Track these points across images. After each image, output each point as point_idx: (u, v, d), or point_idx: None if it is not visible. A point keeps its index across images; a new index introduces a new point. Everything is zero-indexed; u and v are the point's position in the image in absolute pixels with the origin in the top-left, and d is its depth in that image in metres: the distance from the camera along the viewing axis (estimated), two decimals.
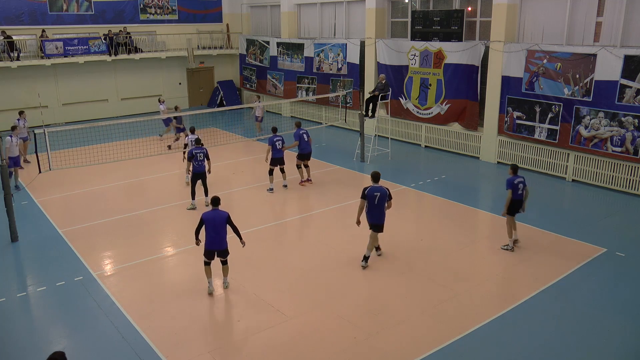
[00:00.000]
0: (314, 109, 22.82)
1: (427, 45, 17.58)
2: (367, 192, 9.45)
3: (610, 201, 13.25)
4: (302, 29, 23.74)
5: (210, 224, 8.67)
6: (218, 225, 8.67)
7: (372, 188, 9.47)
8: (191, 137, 14.05)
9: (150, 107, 24.57)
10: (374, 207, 9.48)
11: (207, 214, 8.77)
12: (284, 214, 12.88)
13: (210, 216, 8.70)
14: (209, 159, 12.71)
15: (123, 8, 24.24)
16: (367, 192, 9.45)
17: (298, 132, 14.06)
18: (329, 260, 10.12)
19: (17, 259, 10.57)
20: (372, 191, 9.44)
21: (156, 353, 7.37)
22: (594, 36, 14.07)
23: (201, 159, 12.50)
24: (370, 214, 9.55)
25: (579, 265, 9.73)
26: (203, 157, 12.53)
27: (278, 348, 7.48)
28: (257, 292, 8.93)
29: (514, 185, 10.09)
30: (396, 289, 9.19)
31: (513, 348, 7.46)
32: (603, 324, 7.98)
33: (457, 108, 17.20)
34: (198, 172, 12.56)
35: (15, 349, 7.63)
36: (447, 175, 15.32)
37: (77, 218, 12.35)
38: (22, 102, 21.67)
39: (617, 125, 13.26)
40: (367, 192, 9.45)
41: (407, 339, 7.65)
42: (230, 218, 8.76)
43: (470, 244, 10.91)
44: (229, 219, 8.74)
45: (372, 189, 9.45)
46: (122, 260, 10.22)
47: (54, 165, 12.40)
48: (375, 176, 9.61)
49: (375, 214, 9.52)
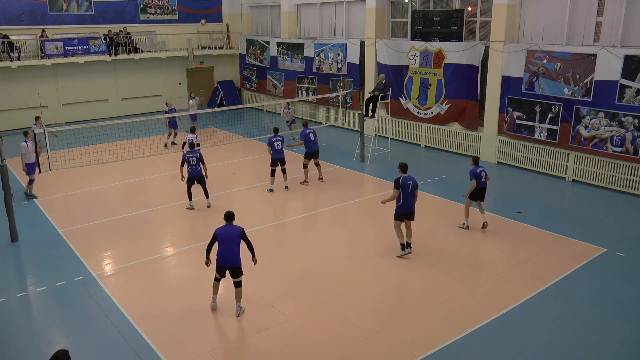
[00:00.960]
0: (314, 109, 22.82)
1: (427, 45, 17.58)
2: (401, 182, 9.75)
3: (610, 201, 13.25)
4: (302, 29, 23.74)
5: (222, 239, 8.20)
6: (231, 241, 8.19)
7: (404, 177, 9.82)
8: (190, 136, 14.03)
9: (150, 107, 24.60)
10: (407, 195, 9.83)
11: (220, 229, 8.29)
12: (284, 214, 12.88)
13: (223, 231, 8.25)
14: (204, 163, 12.53)
15: (123, 8, 24.24)
16: (401, 181, 9.76)
17: (304, 131, 14.19)
18: (329, 260, 10.11)
19: (17, 259, 10.57)
20: (405, 180, 9.80)
21: (156, 353, 7.37)
22: (594, 36, 14.07)
23: (194, 163, 12.30)
24: (406, 202, 9.87)
25: (579, 265, 9.73)
26: (197, 161, 12.32)
27: (278, 348, 7.48)
28: (257, 292, 8.93)
29: (476, 174, 11.11)
30: (396, 289, 9.20)
31: (513, 348, 7.46)
32: (603, 324, 7.98)
33: (457, 108, 17.20)
34: (192, 177, 12.41)
35: (15, 349, 7.63)
36: (447, 175, 15.32)
37: (77, 218, 12.35)
38: (22, 102, 21.71)
39: (617, 125, 13.26)
40: (402, 182, 9.76)
41: (407, 339, 7.65)
42: (244, 233, 8.30)
43: (470, 244, 10.91)
44: (244, 233, 8.29)
45: (405, 179, 9.81)
46: (122, 260, 10.22)
47: (54, 165, 12.41)
48: (404, 167, 9.96)
49: (410, 201, 9.92)
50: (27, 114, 21.52)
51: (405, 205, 9.90)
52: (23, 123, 21.00)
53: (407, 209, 9.94)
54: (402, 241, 10.08)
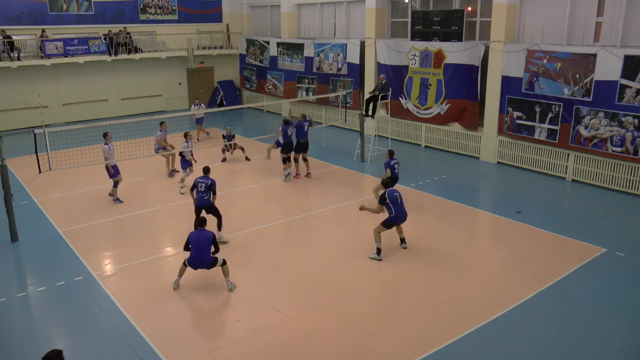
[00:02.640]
0: (314, 109, 22.80)
1: (427, 45, 17.58)
2: (388, 196, 9.77)
3: (610, 201, 13.25)
4: (302, 29, 23.74)
5: (195, 244, 8.72)
6: (203, 246, 8.71)
7: (390, 191, 9.90)
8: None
9: (150, 107, 24.58)
10: (399, 206, 9.87)
11: (193, 233, 8.86)
12: (283, 214, 12.87)
13: (195, 236, 8.77)
14: (215, 194, 10.63)
15: (123, 8, 24.24)
16: (388, 195, 9.78)
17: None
18: (329, 260, 10.11)
19: (17, 259, 10.57)
20: (392, 193, 9.85)
21: (156, 353, 7.37)
22: (594, 36, 14.07)
23: (202, 190, 10.46)
24: (400, 214, 9.89)
25: (579, 265, 9.73)
26: (205, 188, 10.45)
27: (278, 348, 7.48)
28: (257, 292, 8.93)
29: (390, 166, 12.09)
30: (396, 289, 9.20)
31: (513, 348, 7.46)
32: (603, 324, 7.98)
33: (457, 108, 17.20)
34: (199, 205, 10.58)
35: (15, 349, 7.63)
36: (447, 175, 15.32)
37: (77, 218, 12.35)
38: (22, 102, 21.71)
39: (617, 125, 13.26)
40: (389, 195, 9.78)
41: (407, 339, 7.65)
42: (215, 239, 8.84)
43: (470, 244, 10.91)
44: (214, 239, 8.81)
45: (391, 192, 9.87)
46: (122, 260, 10.22)
47: (54, 165, 12.39)
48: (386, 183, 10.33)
49: (404, 212, 9.97)
50: (27, 114, 21.56)
51: (399, 217, 9.96)
52: (23, 123, 21.06)
53: (401, 220, 10.06)
54: (380, 246, 10.02)
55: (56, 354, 5.08)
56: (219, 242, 9.76)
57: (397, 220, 9.98)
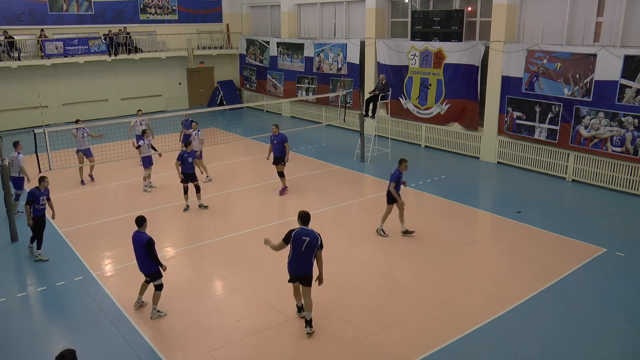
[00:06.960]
0: (313, 108, 22.82)
1: (427, 45, 17.58)
2: (293, 235, 7.43)
3: (610, 201, 13.25)
4: (302, 29, 23.74)
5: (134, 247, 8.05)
6: (138, 250, 7.98)
7: (300, 231, 7.46)
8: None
9: (150, 107, 24.57)
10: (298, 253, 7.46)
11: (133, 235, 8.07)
12: (283, 214, 12.87)
13: (133, 239, 8.04)
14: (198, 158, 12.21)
15: (123, 8, 24.24)
16: (293, 234, 7.43)
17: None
18: (329, 260, 10.05)
19: (17, 259, 10.56)
20: (299, 234, 7.42)
21: (156, 353, 7.37)
22: (594, 36, 14.08)
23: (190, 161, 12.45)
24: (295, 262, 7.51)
25: (579, 265, 9.73)
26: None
27: (278, 348, 7.48)
28: (257, 292, 8.93)
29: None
30: (396, 289, 9.19)
31: (513, 348, 7.46)
32: (603, 324, 7.98)
33: (457, 108, 17.20)
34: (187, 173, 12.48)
35: (15, 349, 7.63)
36: (447, 175, 15.32)
37: (77, 218, 12.35)
38: (22, 102, 21.70)
39: (617, 125, 13.26)
40: (294, 235, 7.42)
41: (407, 339, 7.65)
42: (149, 244, 7.82)
43: (470, 244, 10.91)
44: (148, 244, 7.82)
45: (299, 232, 7.44)
46: (122, 260, 10.21)
47: (54, 165, 12.39)
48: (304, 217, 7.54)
49: (300, 265, 7.50)
50: (27, 114, 21.55)
51: (294, 265, 7.56)
52: (23, 123, 21.03)
53: (297, 270, 7.58)
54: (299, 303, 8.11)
55: (70, 353, 5.10)
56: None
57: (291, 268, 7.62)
